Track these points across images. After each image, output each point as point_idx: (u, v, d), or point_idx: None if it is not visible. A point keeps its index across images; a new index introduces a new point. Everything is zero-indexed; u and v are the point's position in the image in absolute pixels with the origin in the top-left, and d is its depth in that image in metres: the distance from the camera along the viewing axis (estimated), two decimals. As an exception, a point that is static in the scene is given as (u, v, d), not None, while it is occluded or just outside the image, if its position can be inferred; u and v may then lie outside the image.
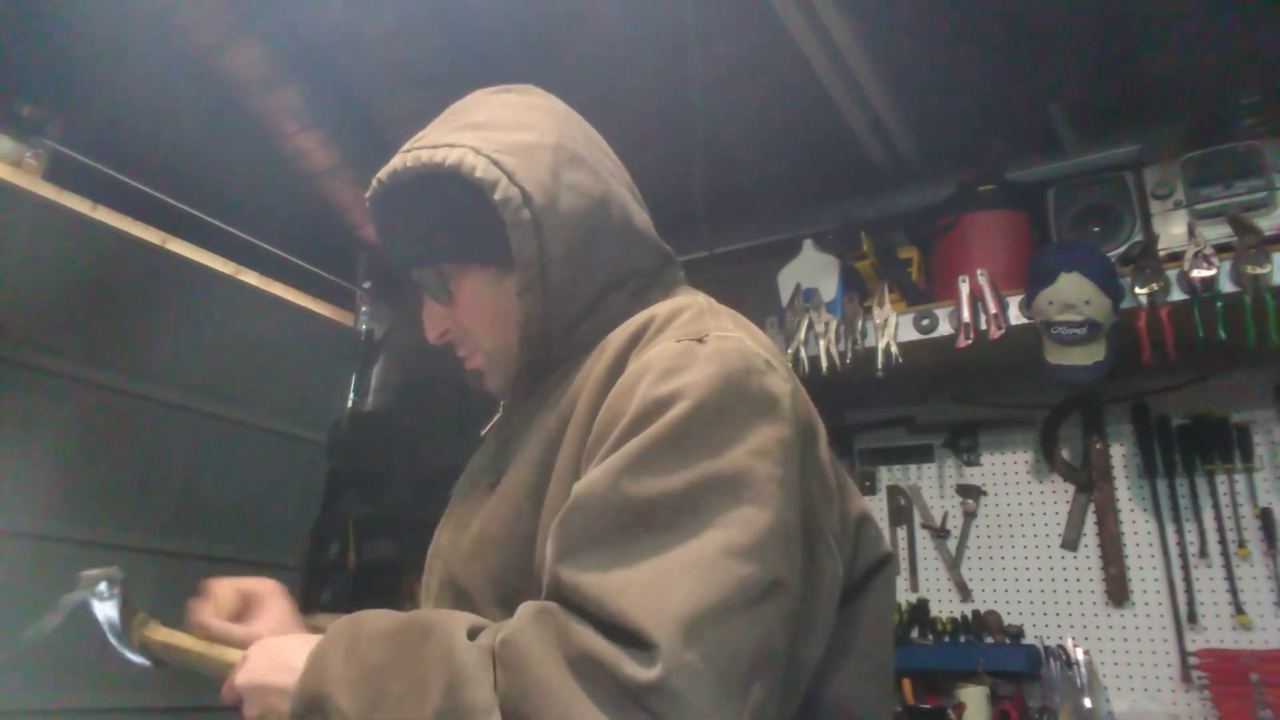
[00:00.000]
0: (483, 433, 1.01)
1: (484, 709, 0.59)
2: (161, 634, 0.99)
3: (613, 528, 0.64)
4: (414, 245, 0.93)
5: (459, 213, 0.88)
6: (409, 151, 0.90)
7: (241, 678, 0.81)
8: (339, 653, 0.72)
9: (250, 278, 2.94)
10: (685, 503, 0.64)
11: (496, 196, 0.83)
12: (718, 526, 0.63)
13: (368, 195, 0.95)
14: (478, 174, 0.84)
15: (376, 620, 0.74)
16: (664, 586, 0.60)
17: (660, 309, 0.84)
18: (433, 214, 0.90)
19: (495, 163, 0.84)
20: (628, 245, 0.91)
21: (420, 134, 0.93)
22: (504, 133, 0.88)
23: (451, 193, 0.86)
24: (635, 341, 0.80)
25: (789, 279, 2.41)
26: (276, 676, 0.76)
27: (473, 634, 0.66)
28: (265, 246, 2.93)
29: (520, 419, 0.91)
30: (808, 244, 2.45)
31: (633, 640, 0.58)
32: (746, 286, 2.69)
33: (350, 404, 3.23)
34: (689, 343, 0.74)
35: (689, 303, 0.85)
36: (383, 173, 0.91)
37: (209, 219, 2.76)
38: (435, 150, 0.87)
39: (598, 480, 0.66)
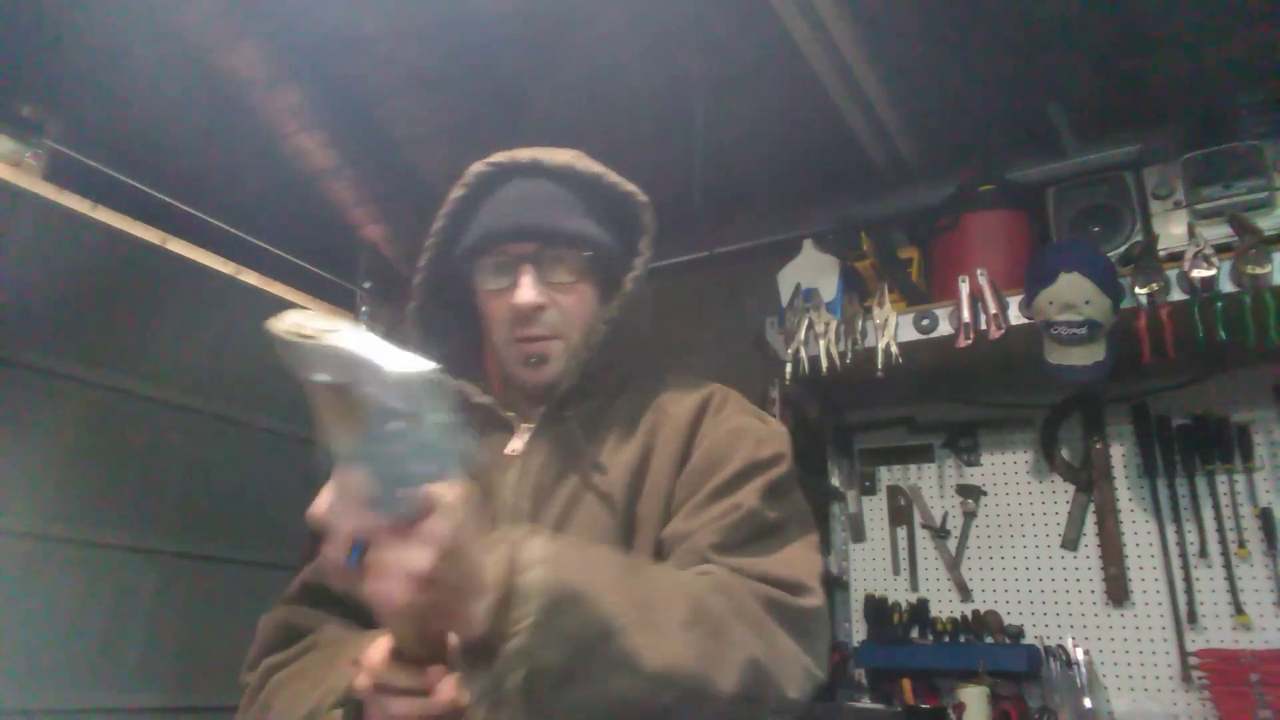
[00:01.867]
0: (507, 450, 1.05)
1: (729, 614, 0.82)
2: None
3: (762, 533, 0.94)
4: (573, 226, 1.03)
5: (621, 228, 1.08)
6: (579, 160, 1.08)
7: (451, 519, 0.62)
8: (572, 554, 0.76)
9: (250, 278, 2.94)
10: (791, 522, 0.98)
11: (648, 239, 1.07)
12: (805, 538, 0.98)
13: (522, 158, 1.07)
14: (646, 217, 1.08)
15: (583, 544, 0.84)
16: (800, 562, 0.94)
17: (714, 388, 1.09)
18: (607, 214, 1.08)
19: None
20: (645, 324, 1.13)
21: (555, 150, 1.09)
22: None
23: (618, 209, 1.08)
24: (704, 409, 1.05)
25: (789, 279, 2.41)
26: (482, 551, 0.68)
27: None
28: (265, 246, 2.93)
29: (565, 439, 1.03)
30: (808, 244, 2.45)
31: (793, 588, 0.89)
32: (746, 286, 2.70)
33: (350, 404, 3.23)
34: (759, 421, 1.05)
35: (722, 387, 1.11)
36: (549, 158, 1.06)
37: (209, 219, 2.76)
38: (615, 177, 1.09)
39: (745, 503, 0.94)
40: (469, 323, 1.13)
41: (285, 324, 0.60)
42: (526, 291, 1.01)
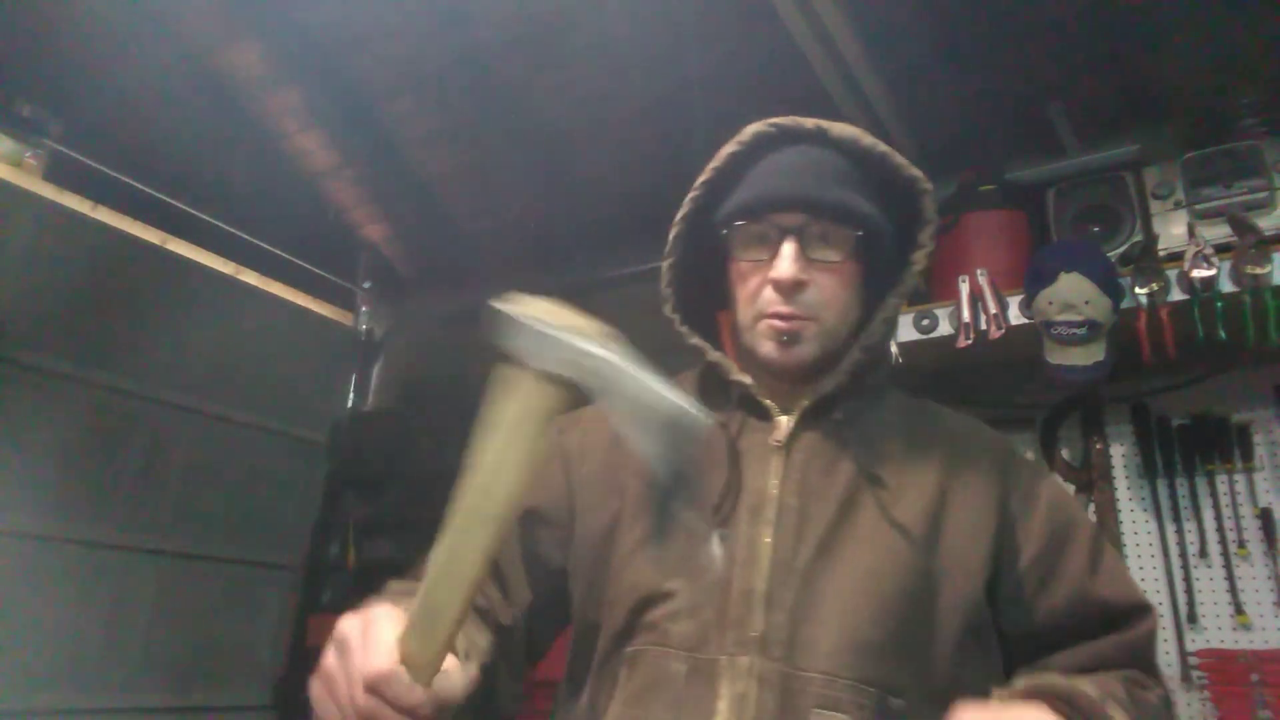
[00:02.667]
0: (774, 439, 0.95)
1: None
2: None
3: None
4: (847, 200, 0.94)
5: (899, 214, 0.98)
6: (863, 136, 1.00)
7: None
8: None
9: (250, 278, 2.94)
10: None
11: (930, 230, 0.98)
12: None
13: (805, 124, 0.99)
14: (929, 205, 0.98)
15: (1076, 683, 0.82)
16: None
17: (994, 433, 1.07)
18: (886, 196, 0.98)
19: None
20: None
21: (839, 122, 1.01)
22: None
23: (898, 194, 0.98)
24: (1009, 458, 1.02)
25: (789, 279, 2.41)
26: None
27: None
28: (265, 246, 2.93)
29: (835, 435, 0.95)
30: (808, 244, 2.45)
31: (1158, 680, 0.93)
32: (746, 286, 2.70)
33: (350, 404, 3.24)
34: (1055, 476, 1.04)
35: (994, 430, 1.08)
36: (832, 128, 0.99)
37: (209, 219, 2.76)
38: (900, 159, 1.00)
39: (1126, 584, 0.96)
40: (713, 292, 1.03)
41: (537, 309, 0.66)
42: (787, 264, 0.91)
